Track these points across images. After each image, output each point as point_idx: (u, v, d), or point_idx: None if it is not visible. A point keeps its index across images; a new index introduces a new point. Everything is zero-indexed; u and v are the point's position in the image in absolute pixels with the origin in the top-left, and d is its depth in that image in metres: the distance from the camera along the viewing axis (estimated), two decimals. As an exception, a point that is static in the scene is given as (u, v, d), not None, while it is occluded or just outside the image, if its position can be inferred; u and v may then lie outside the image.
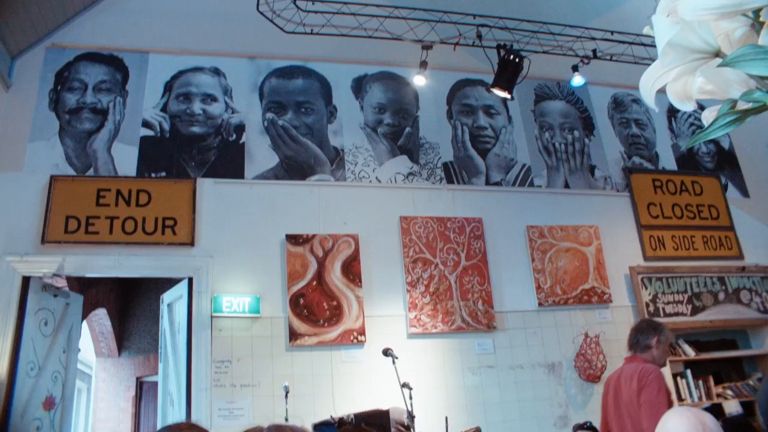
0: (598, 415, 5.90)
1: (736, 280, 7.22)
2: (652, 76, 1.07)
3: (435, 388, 5.74)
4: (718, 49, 0.96)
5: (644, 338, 3.87)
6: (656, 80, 1.07)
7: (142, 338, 9.49)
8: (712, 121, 1.01)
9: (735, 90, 0.99)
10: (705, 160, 7.95)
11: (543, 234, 6.59)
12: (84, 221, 5.50)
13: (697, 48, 0.97)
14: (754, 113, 0.97)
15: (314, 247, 5.84)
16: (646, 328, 3.94)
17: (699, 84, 1.04)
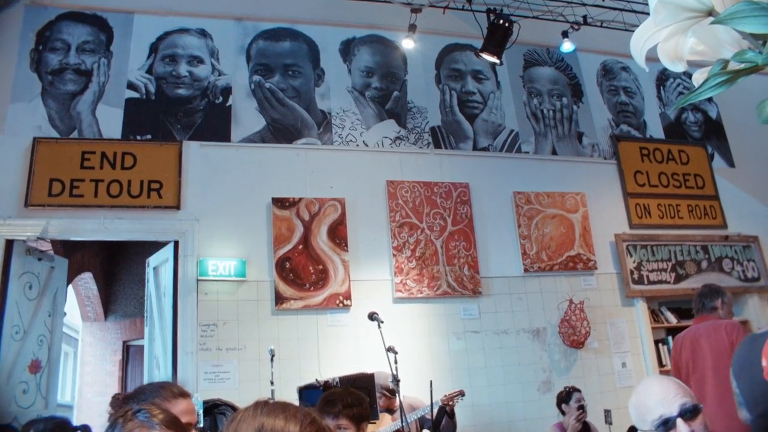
0: (580, 380, 6.04)
1: (719, 249, 7.29)
2: (644, 34, 1.05)
3: (420, 352, 5.78)
4: (711, 7, 0.94)
5: (709, 302, 4.09)
6: (647, 39, 1.05)
7: (128, 302, 9.47)
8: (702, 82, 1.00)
9: (727, 50, 0.98)
10: (692, 130, 7.96)
11: (530, 200, 6.60)
12: (68, 184, 5.43)
13: (690, 6, 0.95)
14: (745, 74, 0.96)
15: (300, 211, 5.82)
16: (709, 293, 4.14)
17: (690, 44, 1.02)
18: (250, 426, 1.10)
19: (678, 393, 1.90)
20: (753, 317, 7.13)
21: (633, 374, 6.46)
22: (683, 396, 1.89)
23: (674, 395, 1.90)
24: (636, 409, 2.01)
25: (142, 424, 1.66)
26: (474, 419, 5.82)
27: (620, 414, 5.60)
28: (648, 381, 2.03)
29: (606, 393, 6.24)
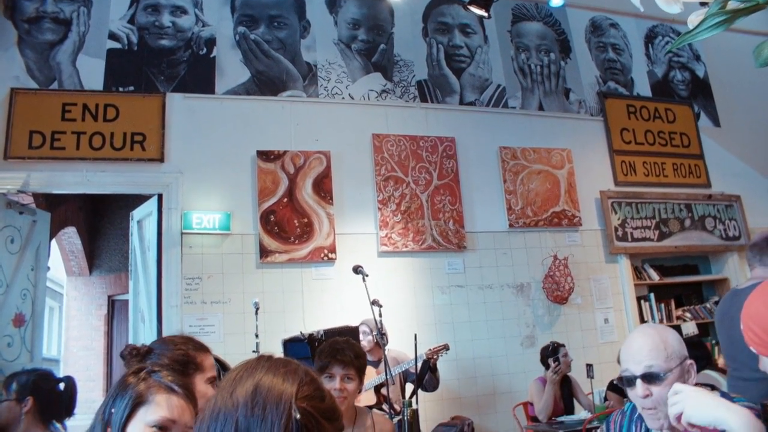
0: (563, 335, 6.11)
1: (702, 208, 7.33)
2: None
3: (405, 306, 5.81)
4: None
5: None
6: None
7: (112, 257, 9.43)
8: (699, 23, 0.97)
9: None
10: (679, 88, 7.94)
11: (516, 155, 6.58)
12: (49, 136, 5.34)
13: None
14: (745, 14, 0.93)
15: (285, 164, 5.77)
16: None
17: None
18: (248, 381, 1.10)
19: (651, 354, 1.90)
20: (732, 275, 7.24)
21: (615, 330, 6.54)
22: (654, 359, 1.89)
23: (646, 355, 1.91)
24: (620, 353, 2.04)
25: (159, 384, 1.64)
26: (457, 373, 5.88)
27: (601, 368, 5.70)
28: (636, 332, 2.05)
29: (588, 348, 6.31)
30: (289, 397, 1.08)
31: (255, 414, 1.06)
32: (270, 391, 1.08)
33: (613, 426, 2.18)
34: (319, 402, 1.12)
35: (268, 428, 1.04)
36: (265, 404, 1.06)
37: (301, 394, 1.10)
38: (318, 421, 1.09)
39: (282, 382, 1.10)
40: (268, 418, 1.05)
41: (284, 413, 1.05)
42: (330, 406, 1.15)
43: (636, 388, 1.90)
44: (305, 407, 1.08)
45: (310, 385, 1.13)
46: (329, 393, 1.19)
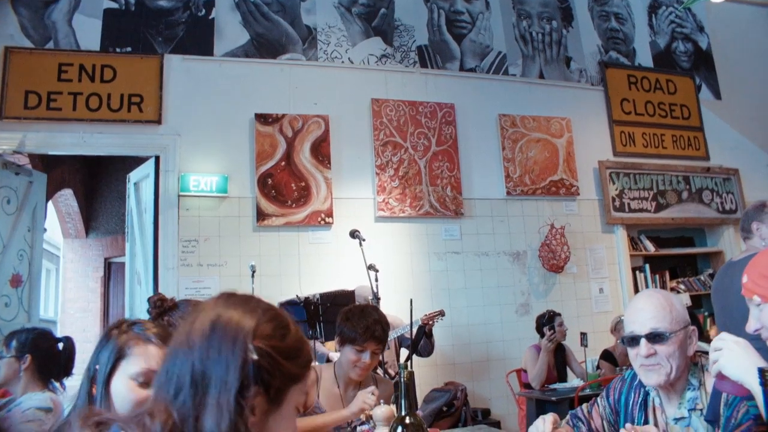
0: (558, 303, 6.14)
1: (700, 180, 7.34)
2: None
3: (401, 271, 5.83)
4: None
5: None
6: None
7: (109, 219, 9.43)
8: None
9: None
10: (681, 60, 7.89)
11: (515, 123, 6.55)
12: (45, 97, 5.29)
13: None
14: None
15: (284, 127, 5.74)
16: None
17: None
18: (208, 316, 1.06)
19: (657, 316, 1.92)
20: (727, 248, 7.27)
21: (609, 300, 6.58)
22: (660, 320, 1.91)
23: (651, 317, 1.93)
24: (625, 316, 2.05)
25: (138, 336, 1.65)
26: (452, 339, 5.91)
27: (595, 337, 5.74)
28: (641, 295, 2.07)
29: (582, 317, 6.35)
30: (246, 336, 1.04)
31: (210, 356, 1.02)
32: (226, 331, 1.04)
33: (612, 392, 2.21)
34: (279, 341, 1.08)
35: (223, 370, 1.00)
36: (220, 345, 1.02)
37: (260, 332, 1.06)
38: (277, 362, 1.05)
39: (239, 320, 1.06)
40: (223, 360, 1.01)
41: (240, 354, 1.01)
42: (292, 345, 1.11)
43: (640, 347, 1.92)
44: (263, 347, 1.04)
45: (270, 322, 1.09)
46: (295, 328, 1.15)
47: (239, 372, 1.00)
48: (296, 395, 1.11)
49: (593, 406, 2.25)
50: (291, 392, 1.09)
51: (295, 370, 1.10)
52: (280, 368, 1.06)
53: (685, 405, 1.92)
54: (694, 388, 1.93)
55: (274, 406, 1.06)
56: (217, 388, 0.99)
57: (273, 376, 1.04)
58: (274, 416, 1.06)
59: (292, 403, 1.10)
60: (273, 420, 1.06)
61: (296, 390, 1.11)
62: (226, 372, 0.99)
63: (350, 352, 2.82)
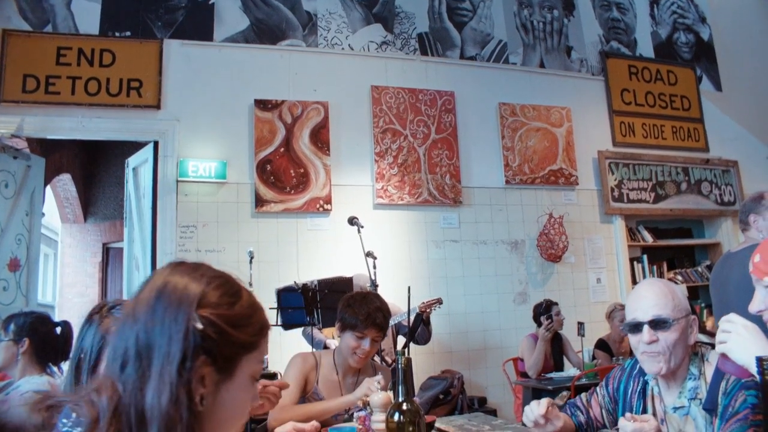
0: (555, 293, 6.15)
1: (699, 172, 7.34)
2: None
3: (399, 259, 5.83)
4: None
5: None
6: None
7: (108, 204, 9.42)
8: None
9: None
10: (683, 51, 7.87)
11: (515, 112, 6.54)
12: (43, 80, 5.27)
13: None
14: None
15: (283, 114, 5.73)
16: None
17: None
18: (154, 285, 1.03)
19: (659, 303, 1.93)
20: (725, 240, 7.28)
21: (607, 290, 6.59)
22: (662, 308, 1.92)
23: (653, 304, 1.93)
24: (627, 303, 2.06)
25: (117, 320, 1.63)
26: (449, 327, 5.93)
27: (592, 327, 5.75)
28: (643, 283, 2.07)
29: (580, 307, 6.36)
30: (190, 305, 1.00)
31: (155, 326, 0.98)
32: (170, 300, 1.00)
33: (612, 381, 2.22)
34: (226, 309, 1.04)
35: (165, 341, 0.96)
36: (164, 315, 0.99)
37: (206, 300, 1.02)
38: (224, 331, 1.01)
39: (184, 289, 1.02)
40: (166, 330, 0.97)
41: (183, 323, 0.98)
42: (241, 313, 1.06)
43: (642, 334, 1.92)
44: (208, 316, 1.00)
45: (218, 289, 1.04)
46: (247, 295, 1.10)
47: (182, 342, 0.96)
48: (250, 364, 1.07)
49: (592, 395, 2.26)
50: (243, 361, 1.06)
51: (246, 339, 1.06)
52: (228, 337, 1.02)
53: (685, 394, 1.92)
54: (695, 377, 1.93)
55: (226, 376, 1.03)
56: (160, 359, 0.95)
57: (220, 346, 1.01)
58: (227, 386, 1.03)
59: (246, 373, 1.07)
60: (225, 390, 1.03)
61: (249, 359, 1.07)
62: (169, 342, 0.96)
63: (350, 339, 2.82)
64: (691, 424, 1.91)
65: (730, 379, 1.81)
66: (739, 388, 1.77)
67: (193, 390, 0.96)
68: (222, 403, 1.03)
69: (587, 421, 2.22)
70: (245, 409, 1.09)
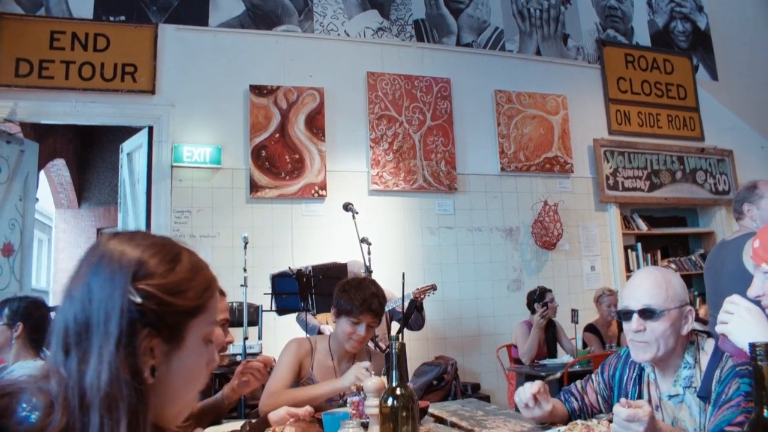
0: (550, 280, 6.17)
1: (694, 161, 7.35)
2: None
3: (393, 245, 5.84)
4: None
5: None
6: None
7: (102, 189, 9.38)
8: None
9: None
10: (679, 39, 7.85)
11: (510, 99, 6.53)
12: (37, 65, 5.24)
13: None
14: None
15: (278, 99, 5.71)
16: None
17: None
18: (88, 260, 0.98)
19: (651, 292, 1.93)
20: (719, 229, 7.30)
21: (601, 278, 6.61)
22: (653, 297, 1.92)
23: (645, 293, 1.94)
24: (623, 290, 2.07)
25: None
26: (443, 313, 5.94)
27: (586, 314, 5.76)
28: (640, 271, 2.09)
29: (574, 294, 6.38)
30: (126, 278, 0.94)
31: (91, 305, 0.93)
32: (106, 274, 0.95)
33: (607, 368, 2.24)
34: (164, 277, 0.98)
35: (102, 318, 0.92)
36: (100, 291, 0.94)
37: (143, 271, 0.96)
38: (164, 301, 0.96)
39: (119, 262, 0.96)
40: (102, 307, 0.92)
41: (119, 299, 0.92)
42: (181, 278, 1.00)
43: (631, 322, 1.94)
44: (145, 288, 0.95)
45: (155, 257, 0.99)
46: (187, 257, 1.04)
47: (120, 319, 0.91)
48: (200, 328, 1.02)
49: (588, 382, 2.28)
50: (191, 327, 1.01)
51: (190, 304, 1.00)
52: (170, 306, 0.97)
53: (680, 383, 1.93)
54: (690, 366, 1.93)
55: (174, 345, 0.98)
56: (98, 338, 0.91)
57: (163, 316, 0.96)
58: (177, 354, 0.99)
59: (197, 337, 1.02)
60: (177, 358, 0.99)
61: (198, 322, 1.02)
62: (106, 320, 0.91)
63: (346, 324, 2.81)
64: (685, 412, 1.92)
65: (725, 368, 1.82)
66: (733, 376, 1.78)
67: (140, 364, 0.93)
68: (175, 370, 0.99)
69: (581, 407, 2.24)
70: (201, 372, 1.05)
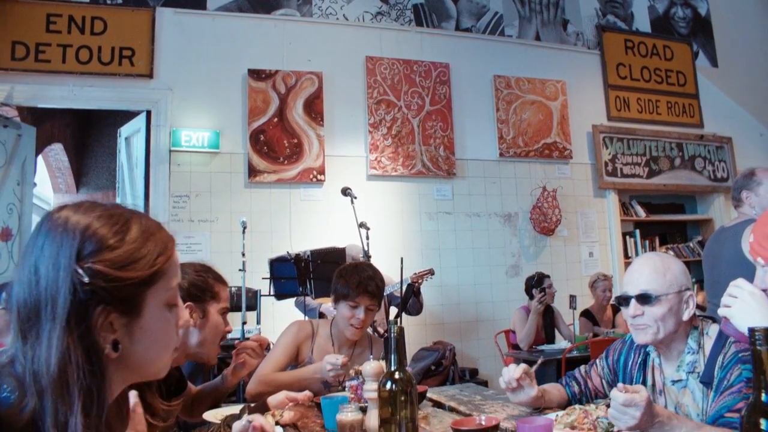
0: (548, 266, 6.17)
1: (693, 148, 7.34)
2: None
3: (392, 230, 5.84)
4: None
5: None
6: None
7: (100, 174, 9.34)
8: None
9: None
10: (680, 26, 7.82)
11: (510, 85, 6.51)
12: (33, 48, 5.21)
13: None
14: None
15: (277, 84, 5.69)
16: None
17: None
18: (42, 226, 0.95)
19: (649, 278, 1.95)
20: (717, 216, 7.31)
21: (599, 264, 6.62)
22: (650, 283, 1.94)
23: (644, 279, 1.95)
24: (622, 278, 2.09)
25: None
26: (441, 299, 5.96)
27: (583, 300, 5.78)
28: (640, 257, 2.10)
29: (572, 280, 6.39)
30: (71, 258, 0.91)
31: (39, 286, 0.91)
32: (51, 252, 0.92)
33: (612, 353, 2.25)
34: (112, 250, 0.94)
35: (50, 301, 0.89)
36: (47, 273, 0.91)
37: (88, 249, 0.92)
38: (113, 277, 0.92)
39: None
40: (50, 289, 0.90)
41: (66, 280, 0.90)
42: (130, 248, 0.96)
43: (629, 308, 1.95)
44: (92, 266, 0.91)
45: (104, 227, 0.95)
46: (136, 223, 1.00)
47: (65, 301, 0.89)
48: (159, 294, 1.00)
49: (592, 367, 2.30)
50: (148, 296, 0.98)
51: (143, 274, 0.96)
52: (120, 281, 0.93)
53: (683, 368, 1.95)
54: (694, 351, 1.95)
55: (134, 316, 0.96)
56: (47, 321, 0.89)
57: (115, 291, 0.92)
58: (139, 324, 0.97)
59: (157, 304, 1.00)
60: (139, 328, 0.97)
61: (156, 290, 0.99)
62: (53, 303, 0.89)
63: (344, 309, 2.81)
64: (688, 397, 1.93)
65: (728, 353, 1.83)
66: (735, 362, 1.79)
67: (99, 342, 0.91)
68: (139, 340, 0.97)
69: (582, 391, 2.26)
70: (169, 337, 1.03)
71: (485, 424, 1.83)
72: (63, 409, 0.87)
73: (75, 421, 0.86)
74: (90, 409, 0.89)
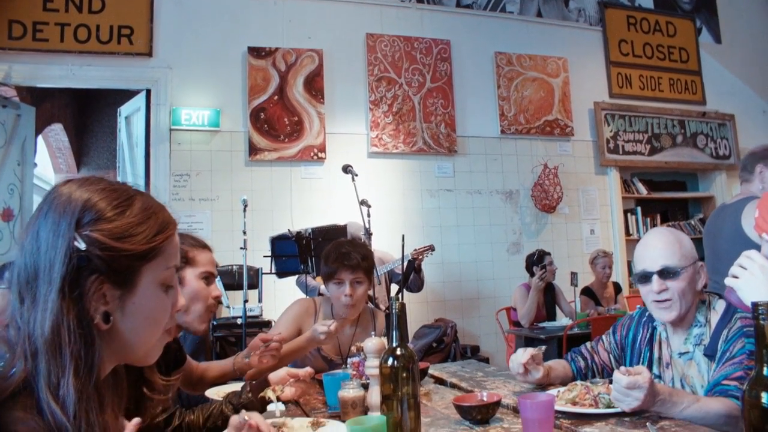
0: (549, 243, 6.18)
1: (695, 125, 7.31)
2: None
3: (393, 208, 5.84)
4: None
5: None
6: None
7: (100, 154, 9.32)
8: None
9: None
10: (683, 1, 7.75)
11: (511, 61, 6.47)
12: (31, 27, 5.18)
13: None
14: None
15: (277, 61, 5.66)
16: None
17: None
18: (47, 198, 0.98)
19: (666, 252, 1.95)
20: (719, 194, 7.29)
21: (600, 241, 6.62)
22: (670, 257, 1.95)
23: (661, 254, 1.96)
24: (635, 254, 2.08)
25: None
26: (443, 276, 5.97)
27: (585, 278, 5.79)
28: (651, 233, 2.11)
29: (573, 257, 6.40)
30: (69, 225, 0.93)
31: (40, 251, 0.93)
32: (51, 223, 0.94)
33: (620, 329, 2.26)
34: (111, 222, 0.96)
35: (48, 267, 0.91)
36: (47, 238, 0.93)
37: (87, 218, 0.95)
38: (110, 246, 0.94)
39: (64, 209, 0.95)
40: (48, 254, 0.92)
41: (63, 246, 0.92)
42: (129, 222, 0.98)
43: (652, 284, 1.96)
44: (91, 234, 0.93)
45: (104, 200, 0.97)
46: (140, 200, 1.02)
47: (62, 266, 0.91)
48: (155, 272, 1.01)
49: (599, 342, 2.31)
50: (144, 271, 0.99)
51: (140, 248, 0.98)
52: (117, 251, 0.95)
53: (690, 341, 1.97)
54: (701, 324, 1.97)
55: (127, 289, 0.97)
56: (44, 284, 0.91)
57: (111, 261, 0.94)
58: (131, 299, 0.98)
59: (152, 282, 1.01)
60: (131, 303, 0.98)
61: (152, 267, 1.00)
62: (51, 267, 0.91)
63: (333, 288, 2.81)
64: (694, 368, 1.96)
65: (732, 328, 1.85)
66: (739, 335, 1.81)
67: (89, 311, 0.93)
68: (131, 314, 0.99)
69: (588, 366, 2.26)
70: (161, 318, 1.04)
71: (487, 401, 1.85)
72: (56, 371, 0.89)
73: (66, 382, 0.89)
74: (81, 373, 0.91)
